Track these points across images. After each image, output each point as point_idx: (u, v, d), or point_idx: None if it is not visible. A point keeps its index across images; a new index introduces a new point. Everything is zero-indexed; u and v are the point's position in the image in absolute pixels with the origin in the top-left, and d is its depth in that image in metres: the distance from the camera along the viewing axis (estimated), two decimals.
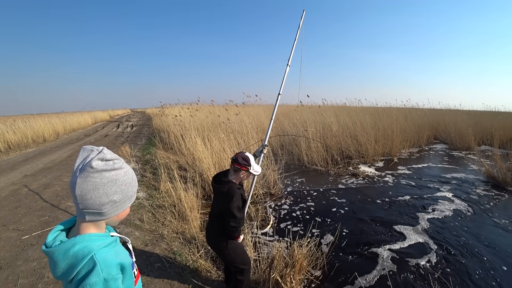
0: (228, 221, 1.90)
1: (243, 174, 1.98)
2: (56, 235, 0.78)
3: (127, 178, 0.83)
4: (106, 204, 0.78)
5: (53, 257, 0.72)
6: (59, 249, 0.72)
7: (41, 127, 12.08)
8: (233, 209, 1.86)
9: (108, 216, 0.81)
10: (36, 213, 3.77)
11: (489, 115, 13.41)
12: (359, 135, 8.21)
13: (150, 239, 3.13)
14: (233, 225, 1.90)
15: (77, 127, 17.16)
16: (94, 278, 0.71)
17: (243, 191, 2.02)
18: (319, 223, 3.93)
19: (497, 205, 4.63)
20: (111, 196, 0.78)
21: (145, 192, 4.63)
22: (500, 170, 5.80)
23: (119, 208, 0.83)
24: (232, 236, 2.00)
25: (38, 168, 6.39)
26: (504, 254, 3.16)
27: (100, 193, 0.75)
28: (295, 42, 2.91)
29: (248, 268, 2.18)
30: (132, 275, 0.89)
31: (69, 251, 0.72)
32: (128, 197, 0.86)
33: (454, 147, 10.18)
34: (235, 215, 1.87)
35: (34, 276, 2.44)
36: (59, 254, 0.72)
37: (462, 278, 2.73)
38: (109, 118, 29.92)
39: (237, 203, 1.88)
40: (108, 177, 0.77)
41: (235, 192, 1.89)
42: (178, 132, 7.78)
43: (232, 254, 2.04)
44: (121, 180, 0.81)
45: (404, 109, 13.24)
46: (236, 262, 2.08)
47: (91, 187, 0.74)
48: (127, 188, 0.84)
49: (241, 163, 1.93)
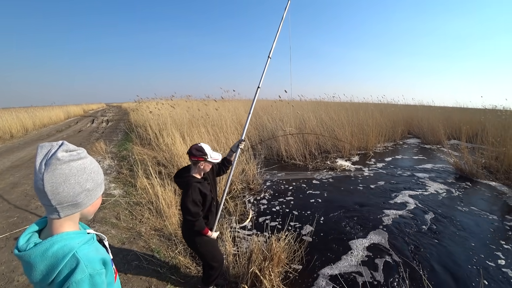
0: (184, 214, 1.91)
1: (202, 164, 1.97)
2: (29, 237, 0.75)
3: (94, 166, 0.83)
4: (80, 193, 0.77)
5: (29, 260, 0.69)
6: (36, 251, 0.70)
7: (7, 123, 11.36)
8: (187, 203, 1.85)
9: (84, 206, 0.80)
10: (4, 214, 3.58)
11: (458, 111, 14.15)
12: (336, 130, 8.41)
13: (127, 237, 3.07)
14: (189, 218, 1.89)
15: (48, 122, 16.28)
16: (79, 275, 0.70)
17: (205, 185, 2.00)
18: (298, 216, 4.02)
19: (463, 194, 4.95)
20: (84, 185, 0.77)
21: (121, 189, 4.52)
22: (467, 163, 6.19)
23: (93, 197, 0.83)
24: (193, 230, 1.98)
25: (4, 166, 6.04)
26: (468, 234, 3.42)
27: (72, 183, 0.74)
28: (278, 33, 2.83)
29: (218, 265, 2.20)
30: (113, 270, 0.89)
31: (48, 251, 0.70)
32: (99, 184, 0.85)
33: (426, 141, 10.71)
34: (189, 209, 1.85)
35: (3, 281, 2.34)
36: (36, 256, 0.70)
37: (431, 263, 2.91)
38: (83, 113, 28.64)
39: (192, 197, 1.86)
40: (76, 167, 0.76)
41: (191, 185, 1.89)
42: (156, 127, 7.62)
43: (201, 249, 2.07)
44: (89, 168, 0.80)
45: (379, 105, 13.70)
46: (206, 257, 2.12)
47: (62, 179, 0.72)
48: (96, 175, 0.83)
49: (196, 154, 1.91)
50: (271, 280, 2.36)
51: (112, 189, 4.50)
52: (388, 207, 4.32)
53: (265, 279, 2.32)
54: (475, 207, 4.40)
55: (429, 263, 2.94)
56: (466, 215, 4.10)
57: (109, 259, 0.87)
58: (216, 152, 2.05)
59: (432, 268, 2.86)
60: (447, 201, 4.65)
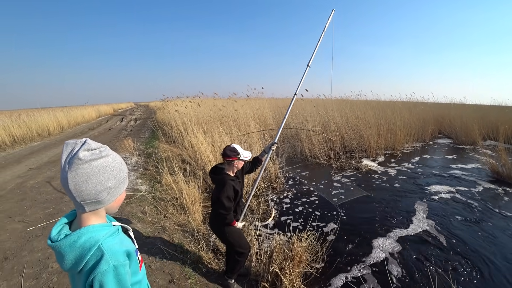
0: (218, 208, 2.08)
1: (236, 163, 2.15)
2: (60, 229, 0.80)
3: (116, 164, 0.84)
4: (102, 191, 0.79)
5: (60, 250, 0.74)
6: (65, 242, 0.74)
7: (45, 121, 12.19)
8: (222, 198, 2.02)
9: (106, 203, 0.83)
10: (41, 205, 3.84)
11: (496, 110, 13.19)
12: (362, 129, 8.16)
13: (152, 231, 3.17)
14: (223, 212, 2.06)
15: (81, 121, 17.28)
16: (104, 266, 0.74)
17: (237, 183, 2.17)
18: (320, 216, 3.94)
19: (500, 199, 4.60)
20: (105, 183, 0.79)
21: (147, 185, 4.67)
22: (505, 165, 5.74)
23: (115, 193, 0.85)
24: (223, 222, 2.15)
25: (43, 161, 6.47)
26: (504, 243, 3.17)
27: (94, 182, 0.76)
28: (319, 42, 2.79)
29: (246, 252, 2.32)
30: (137, 260, 0.92)
31: (76, 243, 0.74)
32: (121, 181, 0.87)
33: (459, 142, 10.07)
34: (224, 204, 2.03)
35: (39, 266, 2.50)
36: (66, 247, 0.74)
37: (461, 271, 2.74)
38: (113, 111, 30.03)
39: (227, 193, 2.04)
40: (98, 166, 0.77)
41: (226, 182, 2.07)
42: (181, 126, 7.80)
43: (230, 238, 2.22)
44: (111, 166, 0.82)
45: (408, 103, 13.10)
46: (234, 245, 2.24)
47: (84, 178, 0.75)
48: (118, 173, 0.85)
49: (230, 155, 2.10)
50: (291, 279, 2.33)
51: (139, 184, 4.67)
52: (415, 210, 4.11)
53: (286, 279, 2.30)
54: None
55: (460, 271, 2.76)
56: (503, 223, 3.81)
57: (134, 249, 0.90)
58: (247, 151, 2.21)
59: (463, 278, 2.69)
60: (481, 206, 4.32)
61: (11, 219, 3.42)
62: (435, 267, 2.80)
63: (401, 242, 3.26)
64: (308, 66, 2.80)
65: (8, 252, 2.71)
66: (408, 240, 3.29)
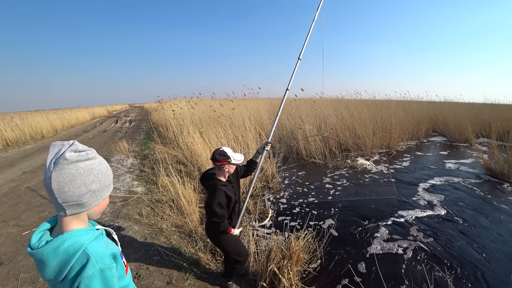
0: (210, 216, 1.97)
1: (227, 167, 2.02)
2: (41, 235, 0.78)
3: (102, 167, 0.83)
4: (85, 194, 0.77)
5: (42, 257, 0.71)
6: (47, 248, 0.72)
7: (39, 124, 12.05)
8: (214, 205, 1.90)
9: (89, 207, 0.81)
10: (36, 209, 3.80)
11: (488, 108, 13.37)
12: (357, 128, 8.22)
13: (149, 233, 3.16)
14: (215, 220, 1.95)
15: (75, 123, 17.12)
16: (90, 270, 0.72)
17: (229, 188, 2.06)
18: (317, 215, 3.97)
19: (493, 196, 4.67)
20: (89, 186, 0.78)
21: (144, 186, 4.65)
22: (498, 162, 5.82)
23: (98, 198, 0.83)
24: (217, 230, 2.06)
25: (37, 164, 6.40)
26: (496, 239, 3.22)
27: (77, 183, 0.75)
28: (309, 34, 2.72)
29: (243, 259, 2.26)
30: (123, 264, 0.91)
31: (59, 248, 0.72)
32: (106, 186, 0.86)
33: (452, 140, 10.19)
34: (215, 212, 1.91)
35: (35, 271, 2.47)
36: (48, 253, 0.72)
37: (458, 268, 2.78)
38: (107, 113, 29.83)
39: (218, 200, 1.92)
40: (83, 167, 0.77)
41: (217, 188, 1.95)
42: (176, 127, 7.77)
43: (225, 246, 2.13)
44: (96, 169, 0.81)
45: (403, 102, 13.22)
46: (231, 253, 2.18)
47: (68, 179, 0.73)
48: (104, 177, 0.84)
49: (220, 159, 1.97)
50: (289, 278, 2.34)
51: (135, 186, 4.65)
52: (411, 208, 4.15)
53: (284, 278, 2.31)
54: (505, 210, 4.14)
55: (456, 268, 2.80)
56: (495, 218, 3.86)
57: (119, 252, 0.88)
58: (238, 154, 2.10)
59: (460, 274, 2.72)
60: (474, 202, 4.39)
61: (5, 223, 3.38)
62: (430, 264, 2.83)
63: (397, 240, 3.29)
64: (299, 59, 2.72)
65: (3, 257, 2.68)
66: (404, 238, 3.33)
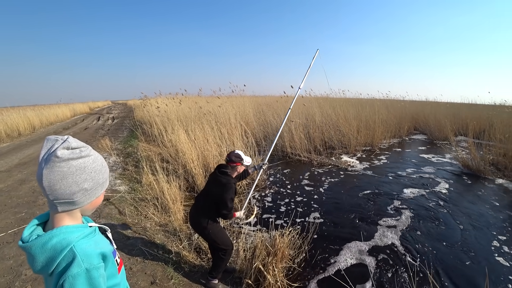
0: (220, 208, 2.21)
1: (239, 168, 2.40)
2: (33, 229, 0.76)
3: (96, 165, 0.81)
4: (77, 192, 0.76)
5: (30, 251, 0.71)
6: (37, 243, 0.71)
7: (15, 121, 11.50)
8: (227, 199, 2.17)
9: (81, 205, 0.79)
10: (12, 210, 3.64)
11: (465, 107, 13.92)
12: (342, 126, 8.35)
13: (132, 232, 3.10)
14: (225, 212, 2.21)
15: (55, 120, 16.47)
16: (75, 269, 0.70)
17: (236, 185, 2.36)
18: (302, 212, 4.01)
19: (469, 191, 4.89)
20: (81, 185, 0.76)
21: (127, 185, 4.55)
22: (474, 159, 6.08)
23: (91, 196, 0.81)
24: (225, 219, 2.53)
25: (13, 163, 6.13)
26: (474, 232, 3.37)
27: (69, 182, 0.73)
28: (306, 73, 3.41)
29: (230, 249, 2.35)
30: (115, 262, 0.89)
31: (47, 244, 0.71)
32: (100, 184, 0.84)
33: (432, 137, 10.57)
34: (227, 205, 2.18)
35: (11, 274, 2.38)
36: (37, 248, 0.70)
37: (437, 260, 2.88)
38: (89, 110, 28.88)
39: (231, 195, 2.22)
40: (75, 166, 0.75)
41: (231, 185, 2.23)
42: (161, 124, 7.64)
43: (212, 234, 2.25)
44: (90, 167, 0.79)
45: (385, 101, 13.55)
46: (217, 242, 2.27)
47: (59, 177, 0.72)
48: (98, 175, 0.82)
49: (236, 160, 2.33)
50: (274, 275, 2.35)
51: (117, 185, 4.54)
52: (393, 204, 4.28)
53: (269, 274, 2.32)
54: (481, 204, 4.33)
55: (435, 260, 2.91)
56: (472, 213, 4.04)
57: (111, 251, 0.86)
58: (247, 156, 2.44)
59: (438, 265, 2.83)
60: (452, 198, 4.58)
61: None
62: (412, 258, 2.93)
63: (379, 235, 3.38)
64: (299, 88, 3.46)
65: None
66: (385, 233, 3.42)
